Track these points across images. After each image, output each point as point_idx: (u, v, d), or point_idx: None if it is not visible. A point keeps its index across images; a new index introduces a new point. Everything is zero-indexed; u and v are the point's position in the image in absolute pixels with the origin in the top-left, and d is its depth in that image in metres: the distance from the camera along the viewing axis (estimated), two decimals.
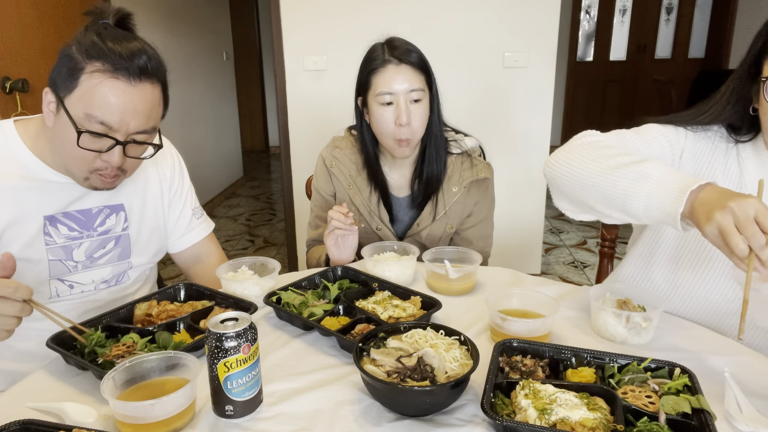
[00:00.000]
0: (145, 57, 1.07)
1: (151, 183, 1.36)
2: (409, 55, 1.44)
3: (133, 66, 1.05)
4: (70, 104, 1.05)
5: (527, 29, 2.95)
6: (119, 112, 1.05)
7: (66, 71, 1.05)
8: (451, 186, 1.56)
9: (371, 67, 1.46)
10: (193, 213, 1.47)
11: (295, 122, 3.17)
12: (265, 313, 1.18)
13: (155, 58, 1.10)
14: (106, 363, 0.93)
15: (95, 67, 1.04)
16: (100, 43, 1.04)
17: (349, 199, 1.61)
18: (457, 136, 1.60)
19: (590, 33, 6.55)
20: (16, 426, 0.75)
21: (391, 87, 1.42)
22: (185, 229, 1.45)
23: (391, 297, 1.20)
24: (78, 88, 1.04)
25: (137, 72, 1.05)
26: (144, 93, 1.07)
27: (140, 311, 1.12)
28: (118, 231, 1.29)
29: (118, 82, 1.04)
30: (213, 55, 5.24)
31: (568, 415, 0.76)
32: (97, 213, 1.25)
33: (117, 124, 1.06)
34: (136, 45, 1.07)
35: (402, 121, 1.43)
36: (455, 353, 0.89)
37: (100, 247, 1.27)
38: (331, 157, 1.62)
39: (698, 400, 0.79)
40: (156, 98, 1.11)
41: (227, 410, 0.83)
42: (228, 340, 0.80)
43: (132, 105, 1.06)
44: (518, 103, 3.06)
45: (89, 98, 1.04)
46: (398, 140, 1.46)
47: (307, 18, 2.98)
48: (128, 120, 1.06)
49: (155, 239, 1.38)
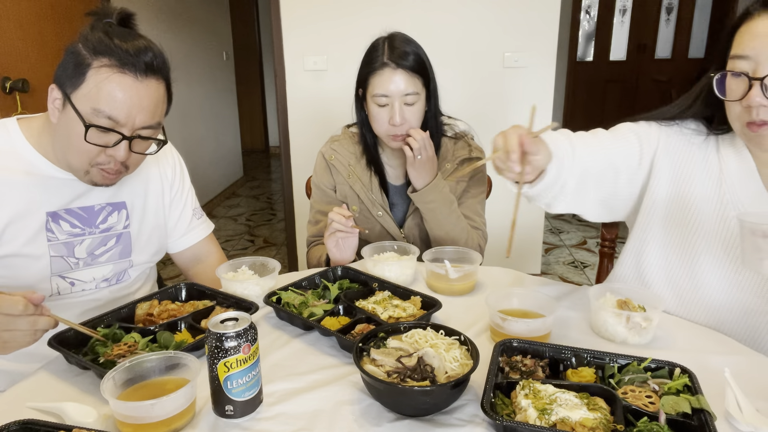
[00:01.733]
0: (151, 54, 1.09)
1: (152, 181, 1.36)
2: (406, 58, 1.46)
3: (139, 62, 1.07)
4: (76, 99, 1.06)
5: (527, 29, 2.95)
6: (126, 107, 1.06)
7: (72, 67, 1.06)
8: (445, 164, 1.62)
9: (370, 67, 1.50)
10: (194, 213, 1.48)
11: (295, 122, 3.17)
12: (265, 313, 1.18)
13: (160, 56, 1.11)
14: (108, 362, 0.93)
15: (102, 62, 1.05)
16: (107, 39, 1.06)
17: (349, 188, 1.63)
18: (449, 120, 1.67)
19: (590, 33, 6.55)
20: (16, 426, 0.75)
21: (386, 89, 1.47)
22: (185, 229, 1.45)
23: (391, 297, 1.20)
24: (85, 84, 1.06)
25: (143, 68, 1.07)
26: (150, 89, 1.09)
27: (142, 311, 1.12)
28: (119, 229, 1.30)
29: (125, 77, 1.06)
30: (213, 55, 5.24)
31: (568, 415, 0.76)
32: (99, 210, 1.26)
33: (124, 118, 1.07)
34: (142, 42, 1.09)
35: (395, 122, 1.48)
36: (455, 353, 0.89)
37: (102, 244, 1.27)
38: (330, 150, 1.66)
39: (698, 400, 0.79)
40: (161, 94, 1.13)
41: (227, 410, 0.83)
42: (228, 340, 0.80)
43: (138, 100, 1.07)
44: (518, 103, 3.06)
45: (96, 93, 1.05)
46: (392, 136, 1.52)
47: (307, 18, 2.98)
48: (135, 115, 1.08)
49: (155, 238, 1.38)
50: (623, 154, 1.16)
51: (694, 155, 1.15)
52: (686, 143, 1.16)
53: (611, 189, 1.18)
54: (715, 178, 1.12)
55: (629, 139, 1.17)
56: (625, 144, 1.17)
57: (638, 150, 1.17)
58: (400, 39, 1.50)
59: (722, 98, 1.04)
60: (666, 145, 1.17)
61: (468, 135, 1.67)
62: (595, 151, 1.12)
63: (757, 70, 0.96)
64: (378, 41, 1.52)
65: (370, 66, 1.49)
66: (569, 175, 1.03)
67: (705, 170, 1.13)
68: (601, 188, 1.16)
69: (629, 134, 1.18)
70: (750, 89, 0.97)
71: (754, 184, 1.08)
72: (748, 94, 0.97)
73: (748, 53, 0.97)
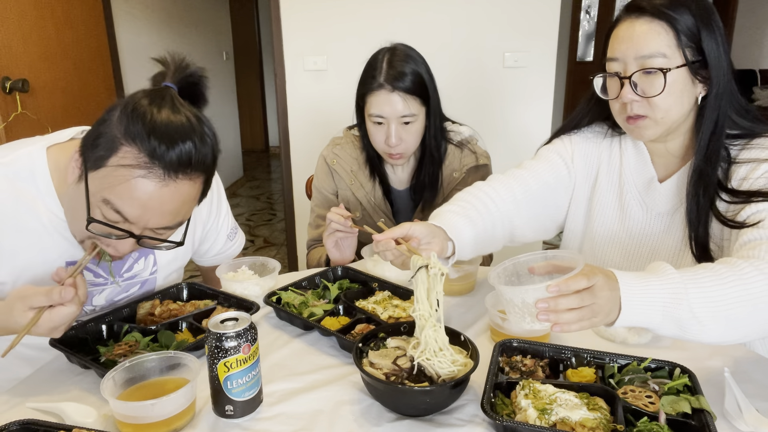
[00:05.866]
0: (190, 145, 0.91)
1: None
2: (403, 79, 1.43)
3: (172, 158, 0.89)
4: (92, 180, 0.93)
5: (527, 29, 2.95)
6: (140, 208, 0.92)
7: (100, 141, 0.91)
8: (451, 172, 1.60)
9: (366, 87, 1.48)
10: (228, 237, 1.40)
11: (295, 122, 3.16)
12: (265, 313, 1.18)
13: (205, 147, 0.94)
14: (109, 362, 0.94)
15: (128, 153, 0.89)
16: (143, 134, 0.89)
17: (351, 194, 1.62)
18: (453, 126, 1.64)
19: (590, 33, 6.54)
20: (16, 426, 0.75)
21: (381, 111, 1.46)
22: (216, 252, 1.41)
23: (391, 297, 1.20)
24: (104, 168, 0.91)
25: (176, 166, 0.90)
26: (178, 191, 0.93)
27: (143, 310, 1.13)
28: (145, 276, 1.21)
29: (147, 181, 0.89)
30: (213, 55, 5.24)
31: (568, 415, 0.76)
32: (126, 258, 1.13)
33: (135, 218, 0.92)
34: (187, 130, 0.92)
35: (391, 143, 1.48)
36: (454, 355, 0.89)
37: (123, 291, 1.19)
38: (332, 154, 1.65)
39: (698, 400, 0.79)
40: (192, 194, 0.96)
41: (227, 410, 0.83)
42: (228, 340, 0.80)
43: (159, 204, 0.92)
44: (518, 103, 3.06)
45: (111, 184, 0.90)
46: (389, 154, 1.52)
47: (307, 18, 2.98)
48: (149, 218, 0.93)
49: (176, 275, 1.32)
50: (551, 172, 1.29)
51: (602, 155, 1.28)
52: (592, 145, 1.30)
53: (553, 205, 1.31)
54: (616, 173, 1.26)
55: (551, 159, 1.30)
56: (550, 164, 1.30)
57: (562, 164, 1.30)
58: (399, 56, 1.47)
59: (604, 98, 1.15)
60: (580, 151, 1.30)
61: (473, 140, 1.65)
62: (525, 179, 1.25)
63: (626, 70, 1.07)
64: (377, 56, 1.49)
65: (366, 85, 1.47)
66: (502, 217, 1.18)
67: (608, 165, 1.27)
68: (545, 206, 1.29)
69: (550, 154, 1.31)
70: (622, 87, 1.08)
71: (648, 171, 1.21)
72: (621, 92, 1.08)
73: (617, 55, 1.08)
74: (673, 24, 1.02)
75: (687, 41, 1.03)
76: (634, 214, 1.23)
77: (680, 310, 0.82)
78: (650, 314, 0.83)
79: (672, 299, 0.82)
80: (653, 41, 1.03)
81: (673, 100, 1.05)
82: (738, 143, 1.09)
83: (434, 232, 1.04)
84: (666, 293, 0.82)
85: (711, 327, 0.83)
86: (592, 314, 0.80)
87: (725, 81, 1.05)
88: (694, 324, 0.82)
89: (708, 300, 0.82)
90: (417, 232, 1.02)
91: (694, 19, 1.03)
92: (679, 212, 1.16)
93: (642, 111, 1.08)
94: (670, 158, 1.18)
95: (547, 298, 0.79)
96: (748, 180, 1.04)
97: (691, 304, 0.82)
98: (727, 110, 1.07)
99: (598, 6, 6.48)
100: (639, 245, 1.23)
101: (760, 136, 1.07)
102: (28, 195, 1.02)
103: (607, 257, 1.28)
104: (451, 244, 1.06)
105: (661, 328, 0.84)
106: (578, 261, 0.83)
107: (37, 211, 1.03)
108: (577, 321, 0.79)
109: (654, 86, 1.05)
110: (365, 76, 1.49)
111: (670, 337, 0.88)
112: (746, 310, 0.83)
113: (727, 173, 1.07)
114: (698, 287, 0.83)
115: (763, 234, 0.94)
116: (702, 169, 1.08)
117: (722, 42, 1.04)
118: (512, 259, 0.94)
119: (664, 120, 1.07)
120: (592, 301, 0.79)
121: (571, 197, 1.33)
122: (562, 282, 0.79)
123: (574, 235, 1.35)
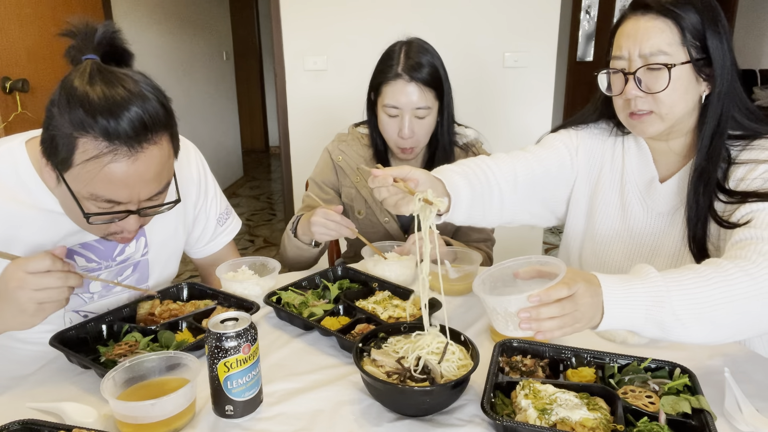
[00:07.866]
0: (140, 111, 0.90)
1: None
2: (420, 70, 1.44)
3: (131, 132, 0.89)
4: (70, 179, 0.93)
5: (527, 29, 2.95)
6: (125, 188, 0.93)
7: (57, 143, 0.90)
8: None
9: (383, 76, 1.47)
10: (218, 221, 1.41)
11: (295, 122, 3.16)
12: (265, 313, 1.18)
13: (152, 106, 0.92)
14: (109, 362, 0.94)
15: (87, 143, 0.89)
16: (88, 118, 0.87)
17: (356, 191, 1.62)
18: (458, 129, 1.64)
19: (590, 33, 6.54)
20: (16, 426, 0.75)
21: (397, 101, 1.45)
22: (208, 239, 1.41)
23: (391, 297, 1.20)
24: (74, 168, 0.91)
25: (137, 138, 0.90)
26: (151, 158, 0.93)
27: (143, 310, 1.13)
28: (137, 257, 1.22)
29: (118, 164, 0.90)
30: (213, 55, 5.24)
31: (568, 415, 0.76)
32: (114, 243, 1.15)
33: (126, 198, 0.95)
34: (127, 96, 0.90)
35: (404, 135, 1.47)
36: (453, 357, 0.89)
37: (118, 275, 1.21)
38: (338, 150, 1.64)
39: (698, 400, 0.79)
40: (165, 153, 0.97)
41: (227, 410, 0.83)
42: (228, 340, 0.80)
43: (139, 176, 0.93)
44: (518, 103, 3.06)
45: (89, 180, 0.91)
46: (401, 148, 1.51)
47: (307, 18, 2.98)
48: (138, 192, 0.95)
49: (173, 262, 1.33)
50: (555, 160, 1.29)
51: (606, 154, 1.29)
52: (597, 142, 1.30)
53: (551, 193, 1.31)
54: (618, 173, 1.27)
55: (557, 147, 1.30)
56: (555, 152, 1.30)
57: (567, 155, 1.30)
58: (416, 48, 1.47)
59: (608, 95, 1.17)
60: (585, 147, 1.31)
61: (478, 143, 1.64)
62: (529, 162, 1.26)
63: (630, 66, 1.09)
64: (395, 47, 1.49)
65: (383, 75, 1.47)
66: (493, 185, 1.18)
67: (611, 164, 1.28)
68: (542, 192, 1.29)
69: (556, 143, 1.31)
70: (626, 83, 1.09)
71: (649, 171, 1.21)
72: (625, 88, 1.09)
73: (622, 53, 1.09)
74: (678, 21, 1.03)
75: (692, 39, 1.03)
76: (635, 214, 1.23)
77: (663, 313, 0.83)
78: (633, 317, 0.83)
79: (654, 302, 0.83)
80: (658, 38, 1.04)
81: (677, 96, 1.06)
82: (739, 144, 1.09)
83: (433, 182, 1.06)
84: (648, 296, 0.83)
85: (694, 328, 0.84)
86: (573, 321, 0.80)
87: (729, 80, 1.05)
88: (677, 326, 0.83)
89: (691, 301, 0.83)
90: (416, 176, 1.02)
91: (699, 17, 1.03)
92: (679, 212, 1.16)
93: (646, 107, 1.09)
94: (672, 157, 1.18)
95: (529, 308, 0.79)
96: (745, 181, 1.04)
97: (674, 306, 0.82)
98: (730, 109, 1.07)
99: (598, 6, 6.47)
100: (640, 245, 1.23)
101: (761, 137, 1.08)
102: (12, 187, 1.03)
103: (608, 256, 1.28)
104: (446, 200, 1.06)
105: (645, 330, 0.85)
106: (561, 267, 0.84)
107: (22, 200, 1.03)
108: (559, 328, 0.80)
109: (658, 82, 1.05)
110: (381, 67, 1.49)
111: (655, 338, 0.88)
112: (730, 310, 0.84)
113: (726, 174, 1.08)
114: (681, 289, 0.83)
115: (753, 234, 0.95)
116: (703, 167, 1.08)
117: (727, 41, 1.04)
118: (498, 265, 0.95)
119: (668, 116, 1.08)
120: (574, 309, 0.80)
121: (571, 189, 1.33)
122: (543, 292, 0.79)
123: (575, 234, 1.35)
